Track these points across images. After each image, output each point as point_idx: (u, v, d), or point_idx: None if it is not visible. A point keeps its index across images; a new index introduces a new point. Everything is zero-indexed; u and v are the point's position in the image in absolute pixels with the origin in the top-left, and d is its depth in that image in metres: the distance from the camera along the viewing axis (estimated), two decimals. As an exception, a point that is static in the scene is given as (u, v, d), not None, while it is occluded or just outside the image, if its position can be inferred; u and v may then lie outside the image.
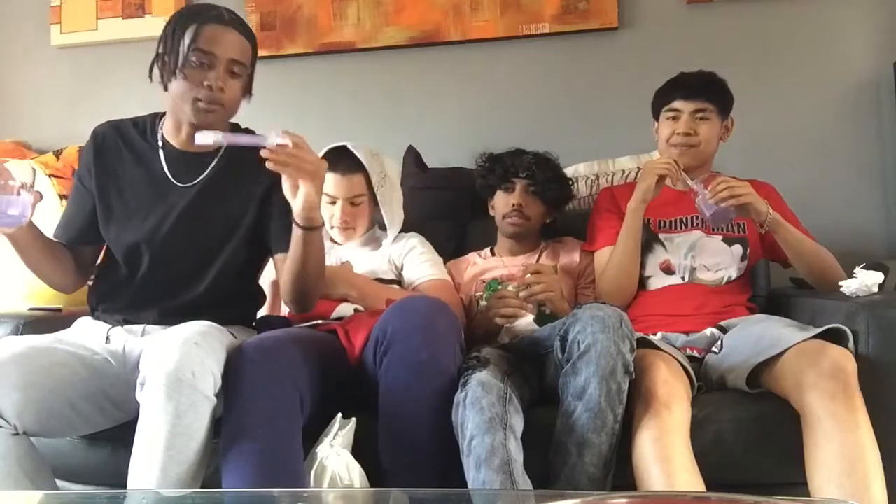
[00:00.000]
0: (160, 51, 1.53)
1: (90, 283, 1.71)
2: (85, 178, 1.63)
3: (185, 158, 1.60)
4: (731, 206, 1.66)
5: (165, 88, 1.53)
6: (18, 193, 1.35)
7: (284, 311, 1.78)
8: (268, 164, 1.35)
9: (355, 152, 1.88)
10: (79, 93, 2.76)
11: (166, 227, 1.57)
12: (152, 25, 2.68)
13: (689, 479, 1.29)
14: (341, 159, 1.87)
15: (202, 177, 1.59)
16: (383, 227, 1.99)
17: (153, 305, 1.58)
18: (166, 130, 1.63)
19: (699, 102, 1.84)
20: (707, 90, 1.85)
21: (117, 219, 1.60)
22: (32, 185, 1.38)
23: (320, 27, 2.59)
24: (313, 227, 1.44)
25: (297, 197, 1.41)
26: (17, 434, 1.34)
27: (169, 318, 1.53)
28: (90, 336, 1.56)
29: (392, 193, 1.96)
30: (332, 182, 1.86)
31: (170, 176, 1.59)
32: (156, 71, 1.54)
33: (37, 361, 1.40)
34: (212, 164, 1.60)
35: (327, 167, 1.48)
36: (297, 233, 1.46)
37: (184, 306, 1.55)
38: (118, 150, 1.63)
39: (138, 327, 1.58)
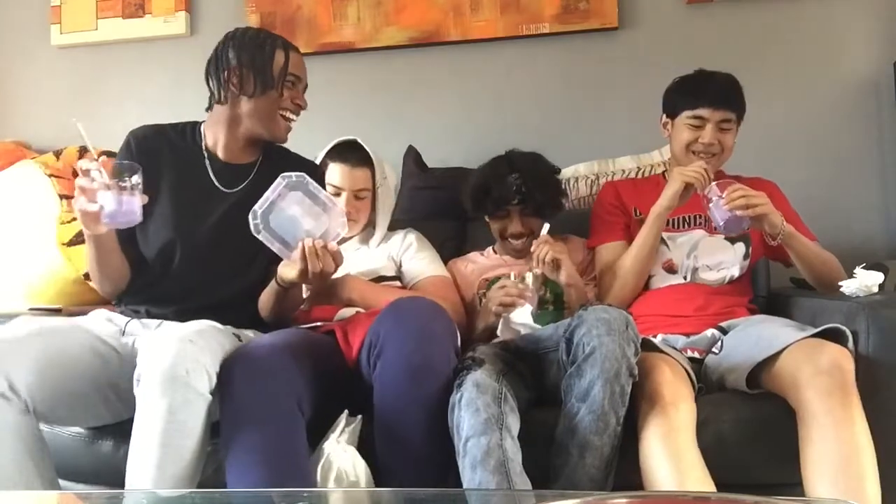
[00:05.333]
0: (234, 65, 1.59)
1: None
2: None
3: (228, 168, 1.66)
4: (747, 217, 1.63)
5: (243, 95, 1.60)
6: (133, 193, 1.37)
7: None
8: (298, 247, 1.41)
9: (365, 147, 1.91)
10: (79, 93, 2.76)
11: (204, 228, 1.61)
12: (152, 25, 2.69)
13: (699, 476, 1.29)
14: (351, 152, 1.91)
15: (244, 185, 1.65)
16: None
17: (177, 302, 1.59)
18: (209, 140, 1.68)
19: (725, 112, 1.80)
20: (732, 99, 1.82)
21: (155, 217, 1.62)
22: (141, 186, 1.40)
23: (320, 27, 2.59)
24: (286, 288, 1.54)
25: (287, 267, 1.48)
26: (28, 413, 1.35)
27: (188, 316, 1.52)
28: (105, 326, 1.58)
29: (387, 197, 1.97)
30: (338, 173, 1.88)
31: (217, 184, 1.65)
32: (225, 83, 1.60)
33: (54, 341, 1.42)
34: (252, 174, 1.66)
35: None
36: (274, 284, 1.55)
37: (206, 306, 1.55)
38: (161, 151, 1.66)
39: (155, 322, 1.59)
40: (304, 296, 1.81)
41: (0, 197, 2.35)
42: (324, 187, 1.92)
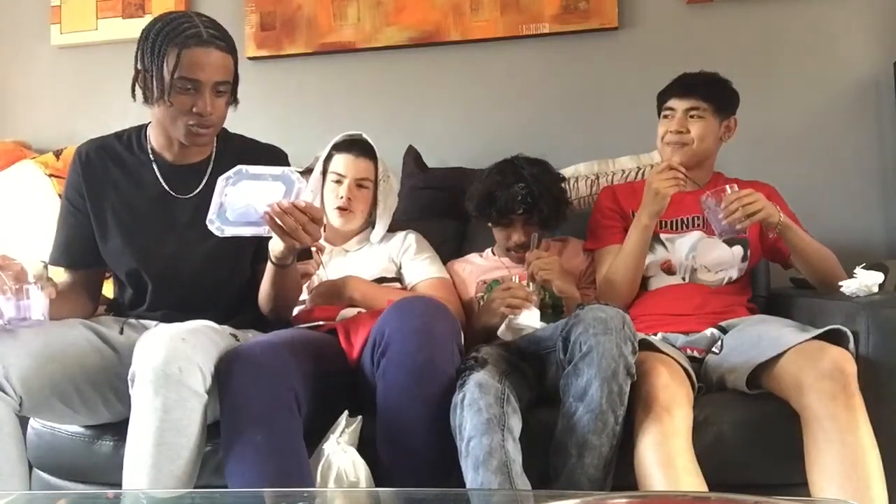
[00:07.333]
0: (139, 67, 1.50)
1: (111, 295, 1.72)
2: (76, 201, 1.61)
3: (179, 170, 1.60)
4: (746, 226, 1.65)
5: (147, 103, 1.52)
6: (28, 297, 1.34)
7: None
8: (265, 216, 1.35)
9: (369, 141, 1.94)
10: (79, 93, 2.76)
11: (166, 244, 1.57)
12: (152, 25, 2.69)
13: (691, 482, 1.29)
14: (355, 144, 1.94)
15: (200, 187, 1.58)
16: None
17: (168, 314, 1.57)
18: (156, 144, 1.61)
19: (692, 101, 1.83)
20: (702, 89, 1.84)
21: (111, 247, 1.59)
22: (45, 277, 1.36)
23: (320, 27, 2.59)
24: (284, 266, 1.49)
25: (272, 241, 1.45)
26: (19, 413, 1.36)
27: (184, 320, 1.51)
28: (105, 323, 1.57)
29: (389, 194, 1.98)
30: (342, 162, 1.92)
31: (168, 189, 1.59)
32: (137, 88, 1.52)
33: (53, 335, 1.42)
34: (207, 173, 1.59)
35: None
36: (269, 266, 1.51)
37: (199, 317, 1.53)
38: (106, 169, 1.60)
39: (153, 322, 1.59)
40: (305, 296, 1.81)
41: (0, 197, 2.35)
42: (324, 175, 1.93)
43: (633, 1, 2.43)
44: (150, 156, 1.61)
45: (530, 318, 1.63)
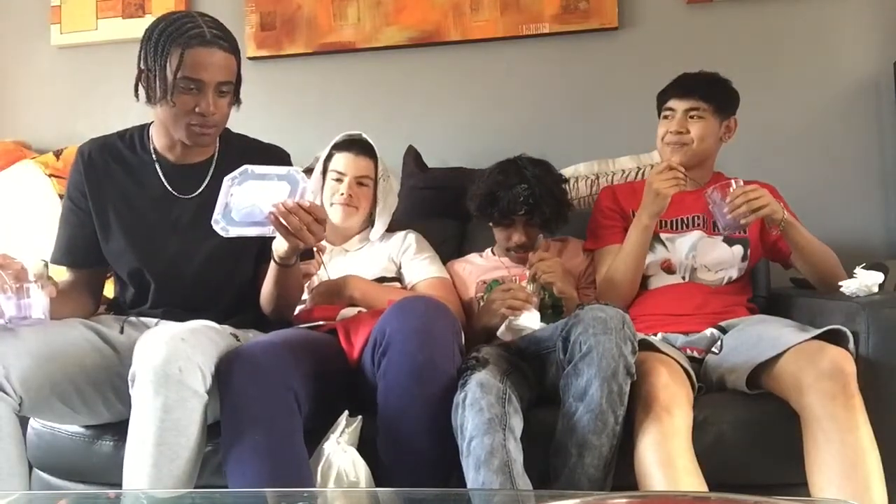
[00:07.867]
0: (142, 67, 1.50)
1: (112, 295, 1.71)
2: (78, 200, 1.61)
3: (182, 170, 1.60)
4: (750, 221, 1.65)
5: (150, 103, 1.52)
6: (28, 296, 1.33)
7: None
8: (270, 216, 1.36)
9: (369, 140, 1.95)
10: (79, 93, 2.76)
11: (169, 245, 1.57)
12: (152, 25, 2.69)
13: (691, 482, 1.29)
14: (355, 143, 1.95)
15: (203, 187, 1.58)
16: None
17: (170, 311, 1.58)
18: (158, 144, 1.61)
19: (692, 101, 1.83)
20: (701, 89, 1.84)
21: (113, 246, 1.59)
22: (45, 276, 1.35)
23: (320, 27, 2.59)
24: (288, 266, 1.50)
25: (276, 241, 1.45)
26: (19, 413, 1.36)
27: (185, 319, 1.51)
28: (105, 322, 1.57)
29: (389, 193, 1.99)
30: (342, 160, 1.93)
31: (170, 189, 1.59)
32: (140, 87, 1.52)
33: (53, 334, 1.42)
34: (210, 173, 1.59)
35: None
36: (272, 266, 1.51)
37: (201, 316, 1.53)
38: (108, 168, 1.60)
39: (153, 321, 1.59)
40: (305, 296, 1.81)
41: (0, 197, 2.36)
42: (324, 175, 1.94)
43: (633, 1, 2.44)
44: (153, 156, 1.61)
45: (530, 320, 1.64)
